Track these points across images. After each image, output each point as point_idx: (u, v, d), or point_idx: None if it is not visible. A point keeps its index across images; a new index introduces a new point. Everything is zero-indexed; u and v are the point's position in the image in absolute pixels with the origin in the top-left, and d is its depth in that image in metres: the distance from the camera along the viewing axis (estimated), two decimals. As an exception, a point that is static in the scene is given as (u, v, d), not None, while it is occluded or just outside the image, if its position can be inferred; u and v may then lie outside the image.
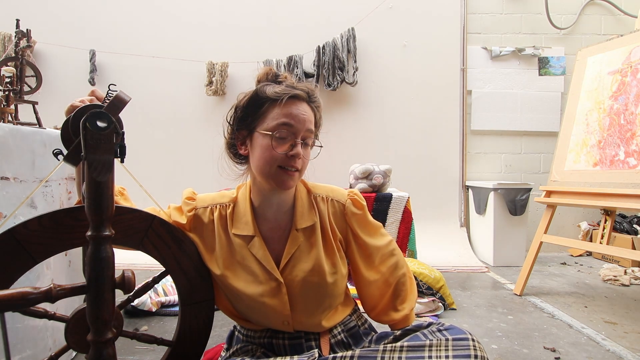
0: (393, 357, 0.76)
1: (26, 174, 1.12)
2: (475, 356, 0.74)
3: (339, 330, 0.95)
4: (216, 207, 0.92)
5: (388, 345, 0.80)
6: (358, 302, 1.06)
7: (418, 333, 0.84)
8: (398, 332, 0.88)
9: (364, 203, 0.99)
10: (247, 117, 0.88)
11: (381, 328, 1.01)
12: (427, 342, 0.78)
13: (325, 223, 0.93)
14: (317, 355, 0.82)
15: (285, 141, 0.84)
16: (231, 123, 0.92)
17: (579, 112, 2.15)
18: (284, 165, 0.84)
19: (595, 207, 2.02)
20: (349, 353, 0.79)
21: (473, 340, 0.77)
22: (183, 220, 0.90)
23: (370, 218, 1.00)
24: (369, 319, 1.04)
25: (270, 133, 0.84)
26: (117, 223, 0.76)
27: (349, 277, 0.99)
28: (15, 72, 1.47)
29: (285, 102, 0.84)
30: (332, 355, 0.82)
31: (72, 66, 3.13)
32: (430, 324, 0.86)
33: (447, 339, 0.77)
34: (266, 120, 0.85)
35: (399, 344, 0.79)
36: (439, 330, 0.82)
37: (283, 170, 0.84)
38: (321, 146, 0.94)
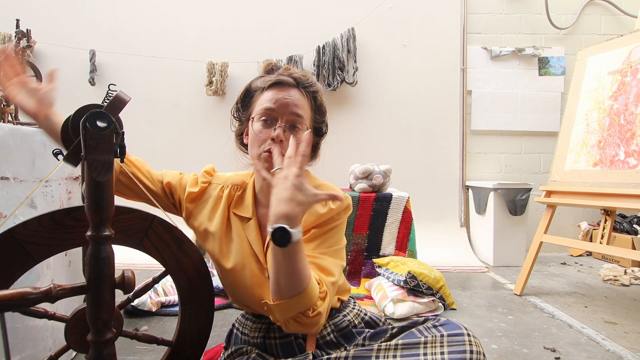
0: (388, 356, 0.76)
1: (26, 174, 1.12)
2: (471, 351, 0.73)
3: (329, 330, 0.93)
4: (228, 186, 0.98)
5: (383, 344, 0.79)
6: (359, 301, 1.06)
7: (413, 330, 0.83)
8: (395, 330, 0.87)
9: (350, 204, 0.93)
10: (242, 109, 0.96)
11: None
12: (422, 339, 0.77)
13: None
14: (311, 357, 0.82)
15: (269, 125, 0.87)
16: (235, 116, 0.99)
17: (579, 112, 2.15)
18: (269, 149, 0.85)
19: (595, 207, 2.02)
20: (343, 354, 0.79)
21: (469, 335, 0.77)
22: (195, 189, 0.96)
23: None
24: (366, 316, 1.01)
25: (253, 118, 0.89)
26: (117, 223, 0.77)
27: (349, 276, 0.99)
28: (15, 72, 1.47)
29: (268, 88, 0.89)
30: (326, 356, 0.81)
31: (72, 66, 3.13)
32: (426, 320, 0.86)
33: (442, 335, 0.77)
34: (255, 108, 0.91)
35: (393, 342, 0.79)
36: (435, 327, 0.82)
37: (269, 154, 0.85)
38: (311, 128, 0.93)
